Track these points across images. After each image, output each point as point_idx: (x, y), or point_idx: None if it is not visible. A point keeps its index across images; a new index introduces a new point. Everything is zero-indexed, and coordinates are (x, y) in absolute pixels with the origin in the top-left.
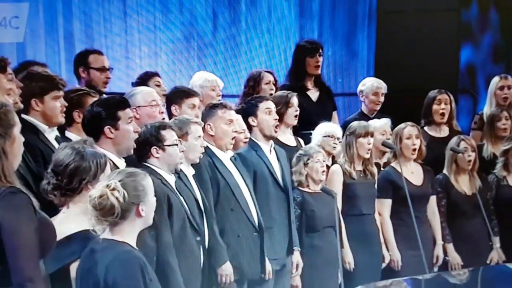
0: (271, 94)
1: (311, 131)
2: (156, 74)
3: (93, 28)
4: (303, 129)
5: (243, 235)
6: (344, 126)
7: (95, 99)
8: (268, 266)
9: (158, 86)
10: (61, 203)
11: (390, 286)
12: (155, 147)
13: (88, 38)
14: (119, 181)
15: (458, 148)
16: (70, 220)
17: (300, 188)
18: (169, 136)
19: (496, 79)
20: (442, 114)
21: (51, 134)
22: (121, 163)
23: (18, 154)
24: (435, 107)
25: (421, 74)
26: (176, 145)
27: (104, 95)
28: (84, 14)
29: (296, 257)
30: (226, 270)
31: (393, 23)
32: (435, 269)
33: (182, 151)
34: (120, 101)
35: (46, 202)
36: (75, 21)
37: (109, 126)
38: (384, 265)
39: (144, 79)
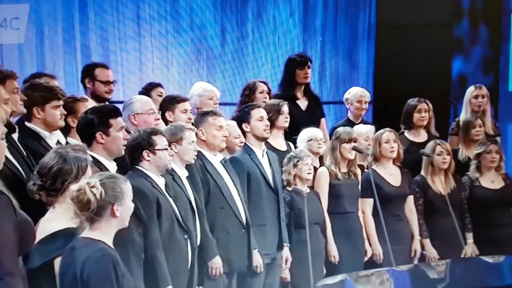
0: (264, 102)
1: None
2: (159, 85)
3: (109, 42)
4: (293, 135)
5: (231, 231)
6: (333, 131)
7: (86, 104)
8: (259, 260)
9: (160, 96)
10: (49, 202)
11: (372, 275)
12: (146, 151)
13: (104, 52)
14: (100, 180)
15: (428, 152)
16: (55, 219)
17: (288, 188)
18: (160, 141)
19: (471, 88)
20: (422, 121)
21: (52, 140)
22: (112, 166)
23: (1, 158)
24: (415, 114)
25: (416, 84)
26: (166, 149)
27: (107, 103)
28: (100, 29)
29: (286, 252)
30: (216, 263)
31: (391, 37)
32: (415, 262)
33: (172, 155)
34: (112, 110)
35: (37, 203)
36: (92, 36)
37: (100, 132)
38: (366, 258)
39: (148, 89)
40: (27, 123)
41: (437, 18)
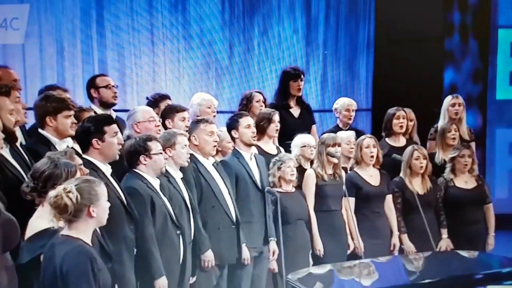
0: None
1: None
2: (167, 97)
3: (125, 57)
4: (286, 140)
5: (222, 227)
6: None
7: (92, 113)
8: (247, 253)
9: None
10: (38, 202)
11: (354, 266)
12: (143, 155)
13: (120, 65)
14: (76, 185)
15: (400, 157)
16: (43, 218)
17: (275, 189)
18: (155, 146)
19: (448, 98)
20: (401, 127)
21: (61, 146)
22: (107, 169)
23: None
24: (394, 121)
25: (411, 92)
26: (161, 153)
27: (112, 110)
28: (116, 45)
29: (272, 245)
30: (208, 256)
31: (388, 50)
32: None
33: (166, 158)
34: (107, 118)
35: (28, 202)
36: (109, 51)
37: (96, 139)
38: (349, 251)
39: (157, 100)
40: (40, 130)
41: (430, 32)
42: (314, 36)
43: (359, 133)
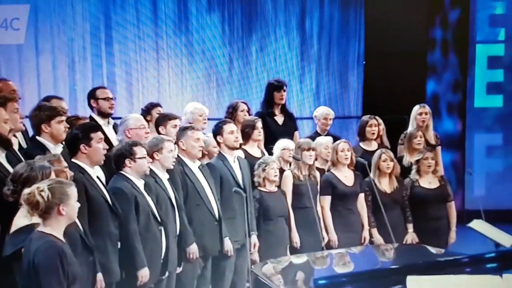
0: (244, 118)
1: None
2: (158, 105)
3: (131, 70)
4: (271, 144)
5: (206, 223)
6: None
7: (85, 121)
8: (229, 246)
9: (159, 114)
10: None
11: (328, 255)
12: (128, 159)
13: (128, 77)
14: (48, 185)
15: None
16: (24, 216)
17: (259, 188)
18: (139, 151)
19: (416, 107)
20: (373, 134)
21: (56, 150)
22: (93, 172)
23: None
24: (367, 128)
25: (398, 101)
26: (144, 157)
27: (111, 118)
28: (124, 62)
29: (254, 239)
30: (193, 249)
31: (377, 63)
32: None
33: (150, 162)
34: (93, 126)
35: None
36: (117, 64)
37: (83, 144)
38: (323, 244)
39: (149, 108)
40: (37, 137)
41: (414, 47)
42: (308, 52)
43: (335, 138)
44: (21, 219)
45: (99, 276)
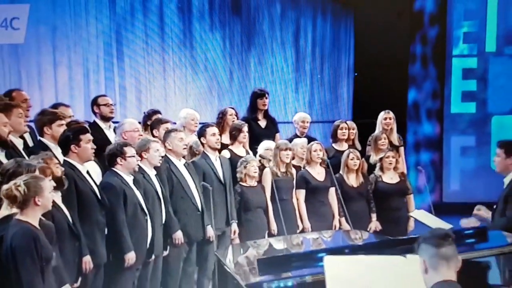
0: (233, 122)
1: None
2: (158, 112)
3: (140, 78)
4: (256, 145)
5: (189, 213)
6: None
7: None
8: (212, 232)
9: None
10: None
11: (300, 236)
12: (119, 157)
13: (137, 85)
14: (24, 180)
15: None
16: (5, 208)
17: (241, 183)
18: (129, 151)
19: (382, 113)
20: (343, 135)
21: (58, 150)
22: (83, 168)
23: None
24: (338, 131)
25: (383, 107)
26: (134, 156)
27: (112, 122)
28: (134, 74)
29: (234, 226)
30: (178, 235)
31: (364, 75)
32: None
33: (139, 160)
34: (82, 128)
35: None
36: (127, 76)
37: (74, 145)
38: (298, 231)
39: (150, 114)
40: (40, 138)
41: (398, 61)
42: (303, 66)
43: (311, 140)
44: (3, 210)
45: (87, 258)
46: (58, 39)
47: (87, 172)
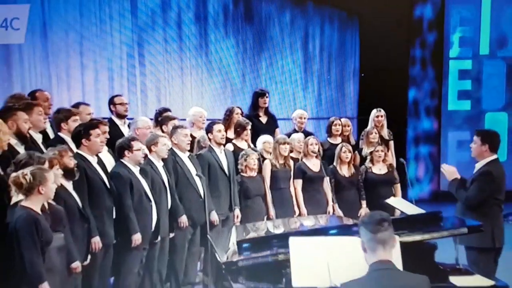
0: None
1: None
2: (168, 110)
3: (160, 79)
4: (256, 139)
5: (193, 200)
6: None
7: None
8: (216, 217)
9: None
10: None
11: (298, 220)
12: (127, 150)
13: (156, 86)
14: (31, 170)
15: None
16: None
17: (242, 174)
18: (136, 144)
19: (374, 111)
20: (337, 131)
21: (73, 144)
22: (92, 159)
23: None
24: (332, 127)
25: (386, 105)
26: (139, 150)
27: (126, 119)
28: (154, 76)
29: (236, 212)
30: (183, 219)
31: (369, 75)
32: None
33: (146, 154)
34: (92, 124)
35: None
36: (148, 77)
37: (85, 139)
38: (295, 216)
39: (161, 111)
40: (59, 133)
41: (399, 63)
42: (311, 68)
43: (308, 134)
44: (14, 197)
45: (96, 238)
46: (85, 45)
47: (97, 162)
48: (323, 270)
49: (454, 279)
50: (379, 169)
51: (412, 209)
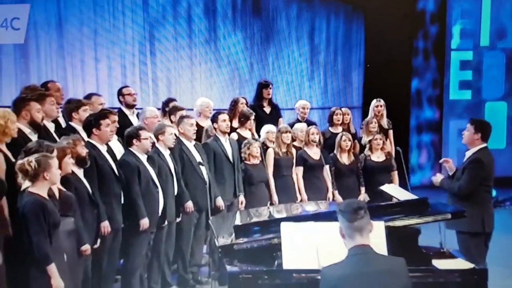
0: (243, 109)
1: None
2: (174, 99)
3: (171, 73)
4: (260, 128)
5: (198, 186)
6: (291, 126)
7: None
8: (221, 202)
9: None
10: None
11: (299, 205)
12: (135, 139)
13: (167, 77)
14: (36, 158)
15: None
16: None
17: (245, 162)
18: (144, 133)
19: (374, 101)
20: (338, 120)
21: (84, 133)
22: (102, 147)
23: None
24: (334, 116)
25: (389, 95)
26: (147, 139)
27: (135, 109)
28: (165, 67)
29: (241, 198)
30: (188, 204)
31: (374, 66)
32: None
33: (152, 142)
34: (102, 114)
35: None
36: (159, 69)
37: (95, 128)
38: (297, 201)
39: (167, 101)
40: (70, 123)
41: (402, 54)
42: (317, 59)
43: (310, 124)
44: (23, 183)
45: (105, 223)
46: (98, 38)
47: (107, 151)
48: (312, 253)
49: (436, 262)
50: (378, 157)
51: (404, 195)
